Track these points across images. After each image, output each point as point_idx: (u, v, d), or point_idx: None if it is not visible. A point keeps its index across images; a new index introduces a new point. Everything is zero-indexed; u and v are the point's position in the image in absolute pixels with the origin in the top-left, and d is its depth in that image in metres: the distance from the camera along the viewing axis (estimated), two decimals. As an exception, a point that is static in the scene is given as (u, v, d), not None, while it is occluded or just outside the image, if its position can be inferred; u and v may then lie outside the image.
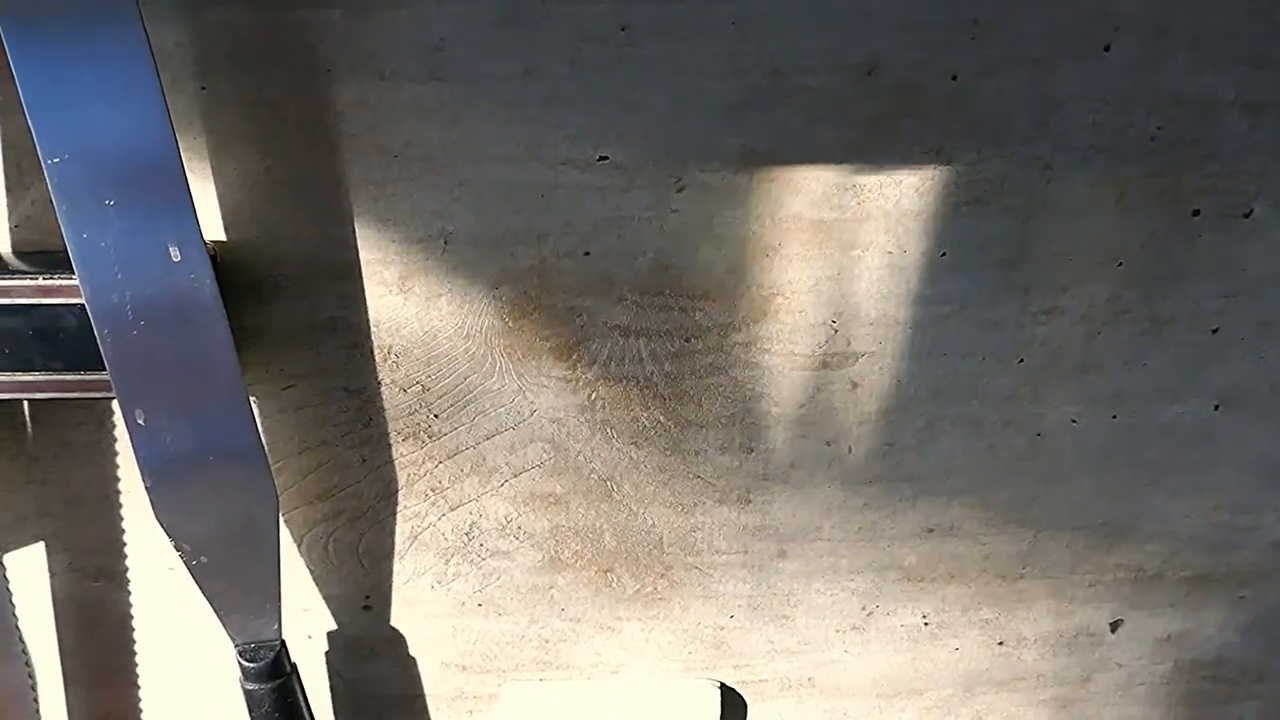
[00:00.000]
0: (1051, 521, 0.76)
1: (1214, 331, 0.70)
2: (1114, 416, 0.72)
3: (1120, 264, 0.67)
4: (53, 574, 0.73)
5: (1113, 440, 0.73)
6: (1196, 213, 0.66)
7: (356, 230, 0.63)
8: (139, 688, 0.77)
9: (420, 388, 0.68)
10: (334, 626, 0.76)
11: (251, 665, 0.68)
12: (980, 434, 0.72)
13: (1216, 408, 0.73)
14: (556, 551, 0.74)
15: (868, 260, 0.66)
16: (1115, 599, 0.80)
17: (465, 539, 0.73)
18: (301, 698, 0.71)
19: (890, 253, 0.66)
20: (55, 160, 0.53)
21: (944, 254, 0.66)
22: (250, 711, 0.69)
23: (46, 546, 0.72)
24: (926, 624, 0.80)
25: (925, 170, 0.63)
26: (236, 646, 0.68)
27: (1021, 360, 0.70)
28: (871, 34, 0.60)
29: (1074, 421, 0.72)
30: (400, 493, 0.71)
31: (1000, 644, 0.81)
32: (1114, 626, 0.81)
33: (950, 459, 0.73)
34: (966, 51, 0.60)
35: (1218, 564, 0.79)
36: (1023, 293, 0.68)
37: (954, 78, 0.61)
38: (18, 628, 0.67)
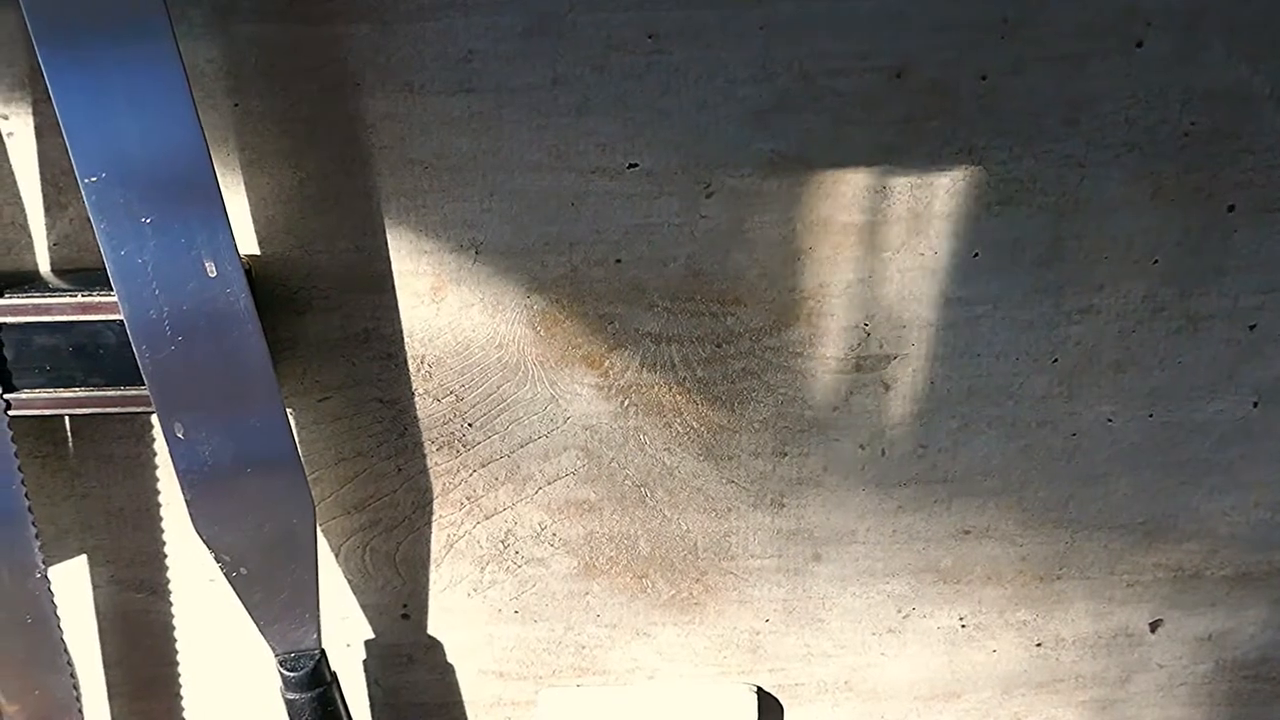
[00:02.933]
0: (1088, 521, 0.75)
1: (1251, 328, 0.69)
2: (1150, 415, 0.72)
3: (1155, 261, 0.67)
4: (95, 586, 0.73)
5: (1149, 439, 0.73)
6: (1232, 208, 0.65)
7: (389, 242, 0.64)
8: (181, 698, 0.78)
9: (454, 397, 0.68)
10: (372, 635, 0.77)
11: (292, 674, 0.68)
12: (1015, 434, 0.72)
13: (1255, 404, 0.72)
14: (591, 558, 0.75)
15: (899, 262, 0.66)
16: (1154, 599, 0.79)
17: (500, 547, 0.74)
18: (342, 706, 0.71)
19: (922, 254, 0.66)
20: (92, 179, 0.54)
21: (976, 254, 0.66)
22: (291, 720, 0.70)
23: (89, 559, 0.73)
24: (963, 626, 0.79)
25: (956, 171, 0.63)
26: (277, 656, 0.68)
27: (1056, 360, 0.69)
28: (901, 36, 0.60)
29: (1110, 420, 0.72)
30: (435, 502, 0.72)
31: (1038, 645, 0.81)
32: (1153, 627, 0.80)
33: (985, 460, 0.72)
34: (996, 51, 0.60)
35: (1259, 562, 0.78)
36: (1056, 292, 0.67)
37: (984, 77, 0.61)
38: (62, 640, 0.68)
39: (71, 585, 0.73)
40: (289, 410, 0.67)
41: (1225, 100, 0.62)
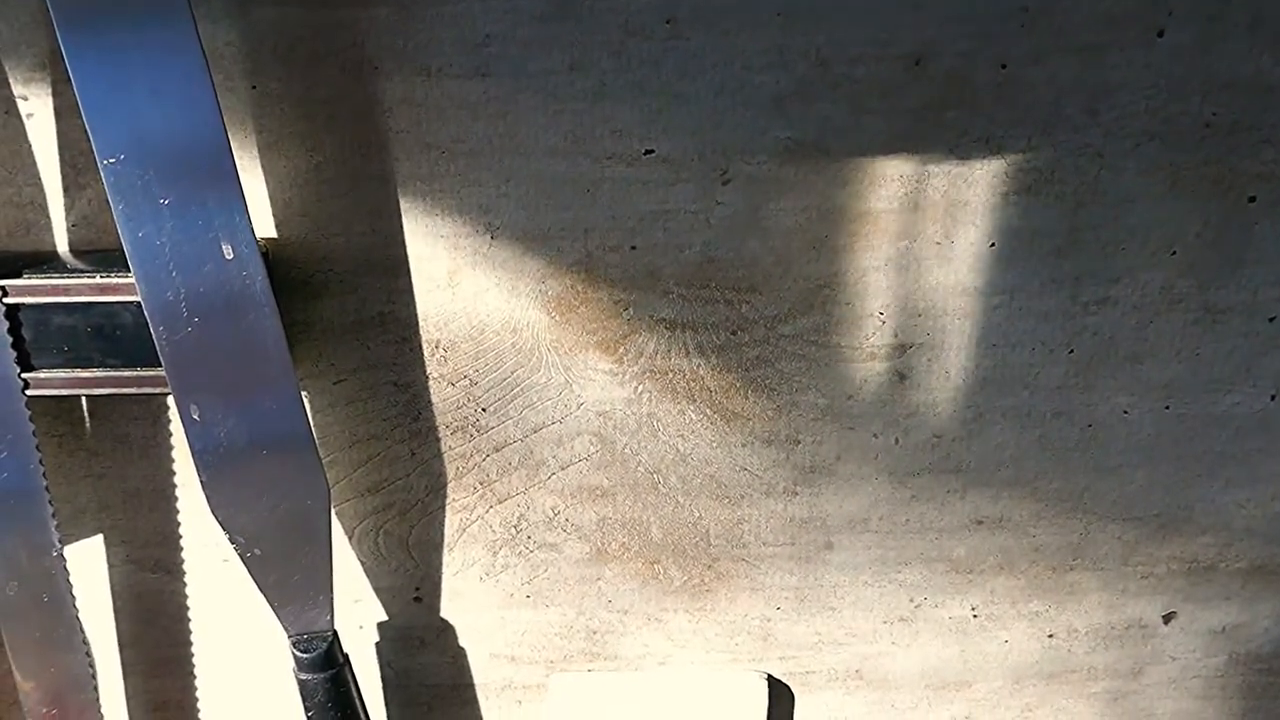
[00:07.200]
0: (1103, 513, 0.75)
1: (1270, 320, 0.69)
2: (1167, 407, 0.71)
3: (1174, 252, 0.66)
4: (111, 566, 0.74)
5: (1165, 431, 0.72)
6: (1252, 199, 0.65)
7: (404, 226, 0.64)
8: (195, 677, 0.79)
9: (468, 381, 0.68)
10: (384, 617, 0.77)
11: (305, 656, 0.69)
12: (1030, 425, 0.71)
13: (1273, 397, 0.71)
14: (604, 544, 0.75)
15: (915, 251, 0.65)
16: (1168, 591, 0.79)
17: (513, 531, 0.74)
18: (354, 687, 0.72)
19: (938, 243, 0.65)
20: (111, 160, 0.54)
21: (993, 244, 0.65)
22: (304, 701, 0.71)
23: (105, 539, 0.73)
24: (975, 616, 0.79)
25: (974, 160, 0.63)
26: (290, 637, 0.69)
27: (1072, 350, 0.69)
28: (920, 23, 0.59)
29: (1126, 412, 0.71)
30: (449, 486, 0.72)
31: (1050, 636, 0.80)
32: (1167, 619, 0.80)
33: (1000, 450, 0.72)
34: (1016, 39, 0.60)
35: (1274, 555, 0.78)
36: (1073, 282, 0.67)
37: (1003, 66, 0.60)
38: (78, 618, 0.69)
39: (87, 564, 0.74)
40: (304, 393, 0.68)
41: (1246, 91, 0.62)
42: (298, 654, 0.69)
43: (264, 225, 0.63)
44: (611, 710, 0.80)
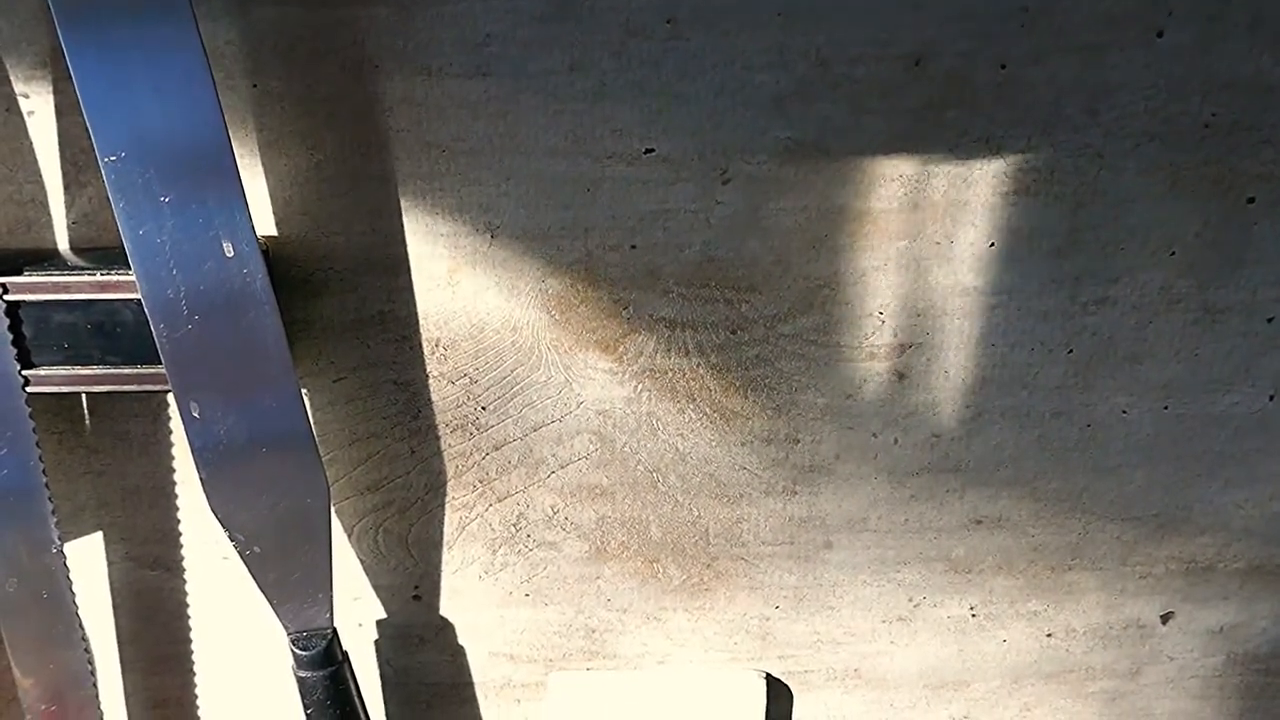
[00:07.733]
0: (1101, 513, 0.75)
1: (1269, 320, 0.69)
2: (1166, 407, 0.71)
3: (1173, 253, 0.66)
4: (110, 563, 0.74)
5: (1164, 431, 0.72)
6: (1251, 200, 0.65)
7: (404, 224, 0.64)
8: (194, 674, 0.79)
9: (468, 380, 0.69)
10: (384, 615, 0.77)
11: (304, 653, 0.69)
12: (1029, 425, 0.72)
13: (1271, 398, 0.71)
14: (603, 542, 0.75)
15: (915, 251, 0.66)
16: (1166, 591, 0.79)
17: (513, 530, 0.74)
18: (353, 685, 0.72)
19: (937, 243, 0.65)
20: (112, 158, 0.54)
21: (992, 244, 0.65)
22: (303, 698, 0.71)
23: (104, 536, 0.73)
24: (974, 615, 0.79)
25: (973, 160, 0.63)
26: (289, 635, 0.69)
27: (1071, 350, 0.69)
28: (920, 23, 0.59)
29: (1125, 412, 0.71)
30: (449, 484, 0.72)
31: (1049, 636, 0.81)
32: (1165, 619, 0.80)
33: (999, 450, 0.72)
34: (1016, 39, 0.60)
35: (1272, 556, 0.78)
36: (1072, 282, 0.67)
37: (1003, 66, 0.60)
38: (77, 615, 0.69)
39: (87, 561, 0.74)
40: (304, 391, 0.68)
41: (1246, 91, 0.62)
42: (297, 651, 0.69)
43: (264, 223, 0.63)
44: (610, 709, 0.80)
